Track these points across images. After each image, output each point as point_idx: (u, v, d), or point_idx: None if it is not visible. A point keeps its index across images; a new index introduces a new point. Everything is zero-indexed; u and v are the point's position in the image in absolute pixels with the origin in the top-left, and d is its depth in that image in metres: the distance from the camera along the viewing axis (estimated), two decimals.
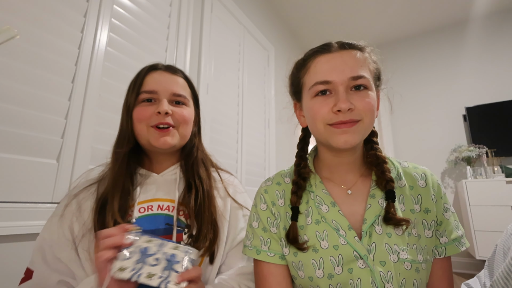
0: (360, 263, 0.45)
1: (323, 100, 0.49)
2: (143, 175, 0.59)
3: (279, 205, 0.55)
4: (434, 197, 0.51)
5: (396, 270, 0.44)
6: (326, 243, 0.48)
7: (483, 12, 2.81)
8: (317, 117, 0.49)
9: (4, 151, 0.79)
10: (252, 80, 2.18)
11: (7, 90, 0.81)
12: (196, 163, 0.61)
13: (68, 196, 0.56)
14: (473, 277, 0.70)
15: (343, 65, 0.48)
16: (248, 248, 0.54)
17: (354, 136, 0.47)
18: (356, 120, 0.47)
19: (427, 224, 0.50)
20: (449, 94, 2.85)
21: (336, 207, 0.50)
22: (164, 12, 1.42)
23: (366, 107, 0.47)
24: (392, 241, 0.46)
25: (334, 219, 0.49)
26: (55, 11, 0.95)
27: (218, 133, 1.71)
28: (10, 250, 0.78)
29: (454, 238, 0.50)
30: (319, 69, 0.50)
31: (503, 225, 2.06)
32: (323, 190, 0.53)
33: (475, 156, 2.45)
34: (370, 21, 2.91)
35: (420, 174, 0.54)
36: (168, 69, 0.61)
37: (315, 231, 0.50)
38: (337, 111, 0.47)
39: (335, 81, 0.48)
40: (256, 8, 2.38)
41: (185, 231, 0.54)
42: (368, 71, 0.49)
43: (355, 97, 0.47)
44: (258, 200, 0.58)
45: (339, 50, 0.50)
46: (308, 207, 0.53)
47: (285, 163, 2.60)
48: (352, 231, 0.47)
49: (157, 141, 0.55)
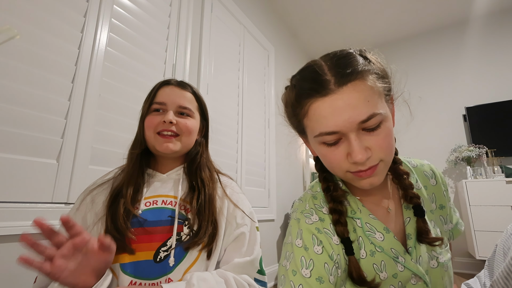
0: (413, 280, 0.44)
1: (335, 148, 0.42)
2: (150, 174, 0.66)
3: (335, 244, 0.45)
4: (444, 192, 0.53)
5: (438, 273, 0.45)
6: (385, 274, 0.44)
7: (483, 12, 2.81)
8: (333, 166, 0.44)
9: (4, 151, 0.79)
10: (252, 80, 2.17)
11: (7, 90, 0.81)
12: (199, 168, 0.67)
13: (84, 192, 0.63)
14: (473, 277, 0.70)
15: (348, 109, 0.39)
16: None
17: (378, 177, 0.43)
18: (376, 164, 0.42)
19: (443, 219, 0.51)
20: (449, 94, 2.85)
21: (390, 233, 0.45)
22: (164, 12, 1.42)
23: (383, 146, 0.41)
24: (429, 248, 0.46)
25: (393, 248, 0.45)
26: (55, 11, 0.95)
27: (218, 133, 1.71)
28: (10, 250, 0.78)
29: (455, 222, 0.53)
30: (322, 117, 0.41)
31: (503, 225, 2.07)
32: (370, 215, 0.47)
33: (475, 156, 2.45)
34: (370, 21, 2.91)
35: (429, 172, 0.53)
36: (178, 84, 0.68)
37: (372, 264, 0.44)
38: (354, 162, 0.41)
39: (342, 130, 0.40)
40: (256, 8, 2.38)
41: (185, 223, 0.59)
42: (377, 99, 0.41)
43: (370, 139, 0.40)
44: (308, 241, 0.45)
45: (338, 89, 0.40)
46: (358, 236, 0.46)
47: (285, 163, 2.60)
48: (408, 255, 0.44)
49: (160, 146, 0.62)
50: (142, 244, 0.55)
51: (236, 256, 0.60)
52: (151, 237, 0.56)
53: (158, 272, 0.53)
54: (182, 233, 0.57)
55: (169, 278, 0.53)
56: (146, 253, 0.54)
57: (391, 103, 0.47)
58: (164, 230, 0.57)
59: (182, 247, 0.55)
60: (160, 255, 0.54)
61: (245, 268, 0.58)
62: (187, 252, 0.55)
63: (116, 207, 0.56)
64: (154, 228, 0.57)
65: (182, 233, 0.57)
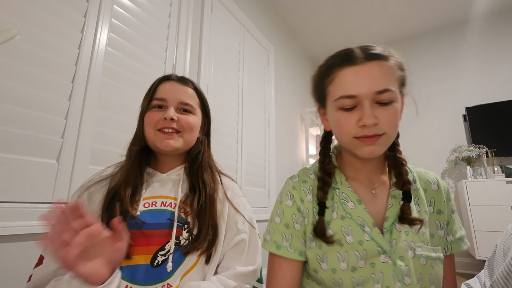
0: (382, 258, 0.48)
1: (349, 114, 0.49)
2: (149, 173, 0.64)
3: (308, 201, 0.56)
4: (445, 200, 0.56)
5: (414, 265, 0.48)
6: (352, 238, 0.50)
7: (483, 12, 2.81)
8: (343, 130, 0.51)
9: (4, 151, 0.79)
10: (252, 80, 2.17)
11: (7, 90, 0.81)
12: (201, 168, 0.64)
13: (81, 188, 0.61)
14: (473, 277, 0.70)
15: (368, 79, 0.47)
16: (268, 242, 0.56)
17: (379, 147, 0.49)
18: (380, 134, 0.48)
19: (440, 224, 0.54)
20: (449, 94, 2.85)
21: (362, 205, 0.53)
22: (164, 12, 1.42)
23: (390, 121, 0.48)
24: (410, 238, 0.50)
25: (360, 216, 0.52)
26: (55, 11, 0.95)
27: (218, 133, 1.71)
28: (10, 250, 0.78)
29: (458, 237, 0.55)
30: (345, 82, 0.49)
31: (503, 225, 2.07)
32: (348, 187, 0.55)
33: (475, 156, 2.45)
34: (370, 21, 2.91)
35: (432, 179, 0.58)
36: (179, 80, 0.66)
37: (340, 226, 0.52)
38: (363, 125, 0.47)
39: (360, 95, 0.48)
40: (256, 8, 2.38)
41: (184, 227, 0.57)
42: (393, 81, 0.49)
43: (381, 111, 0.48)
44: (284, 197, 0.58)
45: (365, 62, 0.49)
46: (334, 203, 0.55)
47: (285, 163, 2.60)
48: (376, 228, 0.50)
49: (161, 143, 0.60)
50: (139, 247, 0.53)
51: (236, 263, 0.59)
52: (149, 240, 0.54)
53: (155, 277, 0.51)
54: (181, 237, 0.55)
55: (168, 283, 0.51)
56: (143, 257, 0.52)
57: (402, 96, 0.54)
58: (162, 233, 0.55)
59: (181, 251, 0.53)
60: (157, 260, 0.52)
61: (247, 277, 0.58)
62: (185, 257, 0.54)
63: (113, 208, 0.54)
64: (153, 231, 0.54)
65: (181, 237, 0.55)
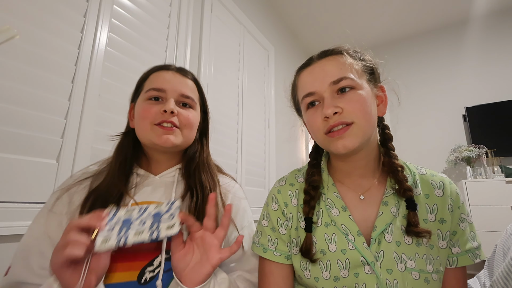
0: (366, 269, 0.46)
1: (314, 111, 0.51)
2: (140, 175, 0.57)
3: (292, 205, 0.56)
4: (451, 207, 0.49)
5: (404, 279, 0.44)
6: (334, 246, 0.48)
7: (483, 12, 2.81)
8: (313, 129, 0.51)
9: (4, 151, 0.79)
10: (252, 80, 2.17)
11: (7, 90, 0.81)
12: (198, 168, 0.58)
13: (60, 189, 0.53)
14: (473, 277, 0.70)
15: (322, 73, 0.50)
16: (256, 245, 0.56)
17: (351, 139, 0.47)
18: (348, 123, 0.47)
19: (441, 234, 0.48)
20: (449, 94, 2.85)
21: (346, 212, 0.50)
22: (164, 12, 1.42)
23: (355, 107, 0.47)
24: (401, 250, 0.46)
25: (344, 224, 0.49)
26: (55, 11, 0.95)
27: (218, 133, 1.71)
28: (10, 250, 0.78)
29: (467, 249, 0.48)
30: (303, 82, 0.53)
31: (503, 225, 2.06)
32: (334, 193, 0.53)
33: (475, 156, 2.45)
34: (370, 21, 2.91)
35: (437, 183, 0.51)
36: (179, 70, 0.61)
37: (324, 233, 0.50)
38: (325, 117, 0.48)
39: (317, 91, 0.49)
40: (256, 8, 2.38)
41: None
42: (352, 71, 0.49)
43: (342, 100, 0.48)
44: (270, 200, 0.59)
45: (318, 60, 0.52)
46: (319, 208, 0.53)
47: (285, 163, 2.60)
48: (361, 237, 0.47)
49: (159, 139, 0.53)
50: (125, 263, 0.46)
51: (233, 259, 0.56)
52: (136, 255, 0.47)
53: None
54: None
55: None
56: (129, 274, 0.46)
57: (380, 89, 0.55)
58: (151, 246, 0.48)
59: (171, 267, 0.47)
60: (145, 276, 0.46)
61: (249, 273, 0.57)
62: None
63: None
64: (140, 245, 0.45)
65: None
